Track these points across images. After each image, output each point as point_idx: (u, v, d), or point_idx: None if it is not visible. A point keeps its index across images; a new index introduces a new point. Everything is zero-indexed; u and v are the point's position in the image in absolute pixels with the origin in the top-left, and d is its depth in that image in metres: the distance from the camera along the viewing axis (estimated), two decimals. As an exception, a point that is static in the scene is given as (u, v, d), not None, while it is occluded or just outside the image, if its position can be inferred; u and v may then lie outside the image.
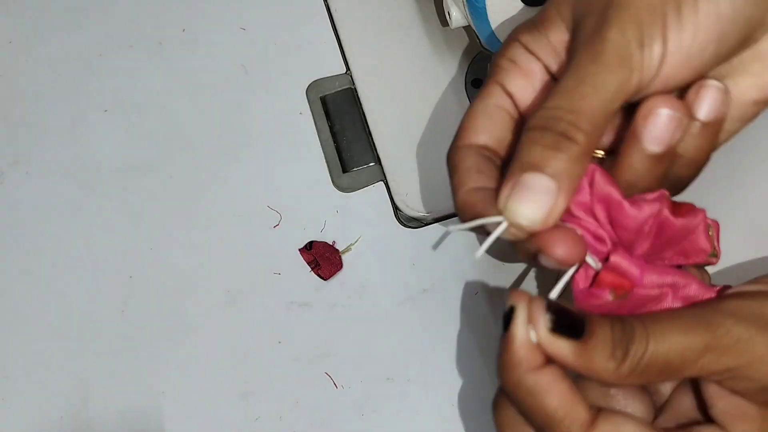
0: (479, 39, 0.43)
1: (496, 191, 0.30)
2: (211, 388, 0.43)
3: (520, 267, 0.46)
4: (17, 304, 0.46)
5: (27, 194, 0.49)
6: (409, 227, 0.47)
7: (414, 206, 0.47)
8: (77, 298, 0.46)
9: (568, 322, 0.28)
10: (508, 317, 0.29)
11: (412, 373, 0.43)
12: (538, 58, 0.33)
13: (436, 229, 0.47)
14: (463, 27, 0.44)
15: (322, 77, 0.52)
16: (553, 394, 0.28)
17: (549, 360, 0.29)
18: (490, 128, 0.33)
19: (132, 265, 0.47)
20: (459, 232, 0.35)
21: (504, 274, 0.45)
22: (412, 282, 0.45)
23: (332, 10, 0.54)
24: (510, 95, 0.33)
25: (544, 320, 0.28)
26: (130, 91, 0.52)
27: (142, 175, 0.49)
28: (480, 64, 0.51)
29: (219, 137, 0.50)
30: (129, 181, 0.49)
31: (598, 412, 0.28)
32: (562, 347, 0.28)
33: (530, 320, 0.28)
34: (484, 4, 0.39)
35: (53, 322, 0.45)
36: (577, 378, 0.30)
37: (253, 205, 0.48)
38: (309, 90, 0.52)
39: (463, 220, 0.32)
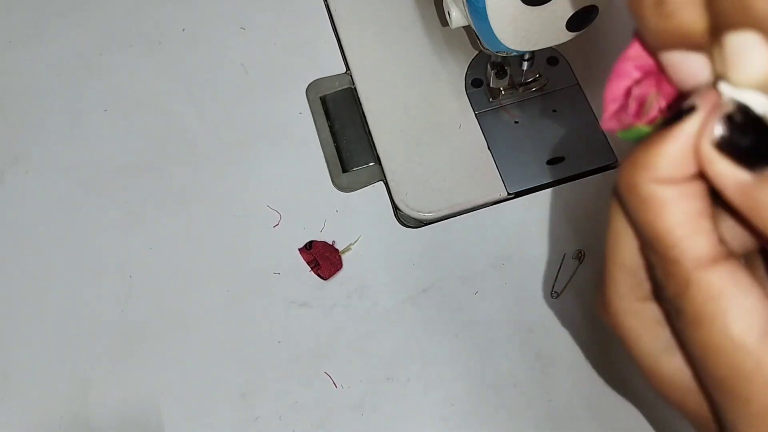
0: (479, 39, 0.43)
1: None
2: (211, 388, 0.43)
3: (521, 267, 0.46)
4: (17, 304, 0.46)
5: (27, 194, 0.49)
6: (409, 227, 0.47)
7: (414, 206, 0.47)
8: (77, 298, 0.46)
9: (750, 143, 0.20)
10: (677, 116, 0.21)
11: (412, 373, 0.43)
12: None
13: (436, 229, 0.47)
14: (463, 27, 0.44)
15: (322, 77, 0.52)
16: (674, 209, 0.21)
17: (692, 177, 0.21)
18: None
19: (132, 264, 0.47)
20: None
21: (504, 274, 0.45)
22: (412, 282, 0.45)
23: (332, 10, 0.54)
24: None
25: (710, 128, 0.20)
26: (130, 90, 0.52)
27: (142, 175, 0.49)
28: (480, 64, 0.51)
29: (219, 137, 0.50)
30: (129, 180, 0.49)
31: (726, 255, 0.21)
32: (726, 173, 0.20)
33: (701, 126, 0.20)
34: (484, 4, 0.39)
35: (53, 322, 0.45)
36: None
37: (253, 205, 0.48)
38: (309, 90, 0.52)
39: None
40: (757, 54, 0.19)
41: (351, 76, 0.52)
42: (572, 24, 0.40)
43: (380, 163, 0.49)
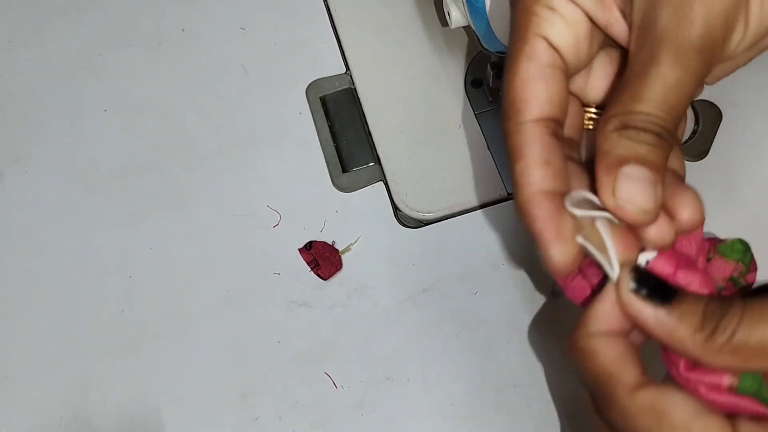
0: (479, 39, 0.43)
1: (561, 196, 0.30)
2: (211, 388, 0.43)
3: (521, 267, 0.46)
4: (17, 304, 0.46)
5: (27, 194, 0.49)
6: (409, 227, 0.47)
7: (414, 206, 0.47)
8: (77, 298, 0.46)
9: (655, 285, 0.28)
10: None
11: (412, 373, 0.43)
12: (577, 4, 0.30)
13: (436, 229, 0.47)
14: (463, 27, 0.44)
15: (322, 77, 0.52)
16: (605, 354, 0.28)
17: (616, 332, 0.29)
18: (549, 95, 0.30)
19: (132, 265, 0.47)
20: None
21: (504, 274, 0.45)
22: (412, 282, 0.45)
23: (332, 10, 0.54)
24: (557, 50, 0.30)
25: (627, 279, 0.28)
26: (129, 91, 0.52)
27: (141, 175, 0.49)
28: (480, 64, 0.51)
29: (219, 137, 0.50)
30: (129, 180, 0.49)
31: (649, 381, 0.28)
32: (645, 311, 0.28)
33: (617, 282, 0.28)
34: (484, 4, 0.39)
35: (53, 322, 0.45)
36: None
37: (252, 205, 0.48)
38: (309, 90, 0.52)
39: (524, 222, 0.30)
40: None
41: (351, 76, 0.52)
42: (572, 24, 0.40)
43: (380, 164, 0.49)
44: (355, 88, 0.51)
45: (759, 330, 0.26)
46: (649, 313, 0.28)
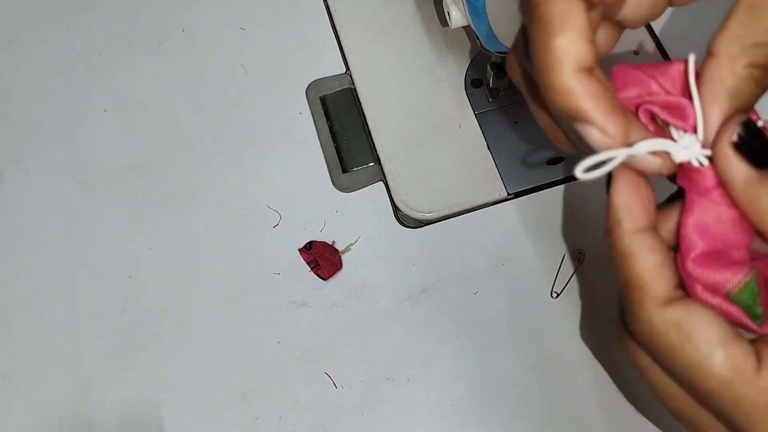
0: (479, 39, 0.43)
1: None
2: (211, 388, 0.43)
3: (521, 267, 0.46)
4: (17, 303, 0.46)
5: (27, 194, 0.49)
6: (409, 227, 0.47)
7: (414, 206, 0.47)
8: (77, 298, 0.46)
9: (759, 146, 0.25)
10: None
11: (412, 373, 0.43)
12: None
13: (436, 229, 0.47)
14: (463, 27, 0.44)
15: (321, 77, 0.52)
16: (640, 260, 0.26)
17: (652, 228, 0.27)
18: None
19: (132, 265, 0.47)
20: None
21: (504, 275, 0.45)
22: (412, 282, 0.45)
23: (332, 10, 0.54)
24: None
25: (731, 131, 0.25)
26: (129, 90, 0.52)
27: (141, 175, 0.49)
28: (480, 64, 0.51)
29: (219, 137, 0.50)
30: (129, 180, 0.49)
31: (680, 296, 0.27)
32: (738, 169, 0.25)
33: (719, 129, 0.26)
34: (484, 4, 0.39)
35: (53, 322, 0.45)
36: None
37: (252, 205, 0.48)
38: (309, 90, 0.52)
39: (560, 107, 0.26)
40: None
41: (351, 76, 0.52)
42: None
43: (380, 164, 0.49)
44: (355, 88, 0.51)
45: None
46: (741, 172, 0.25)
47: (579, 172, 0.26)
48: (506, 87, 0.50)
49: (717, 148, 0.25)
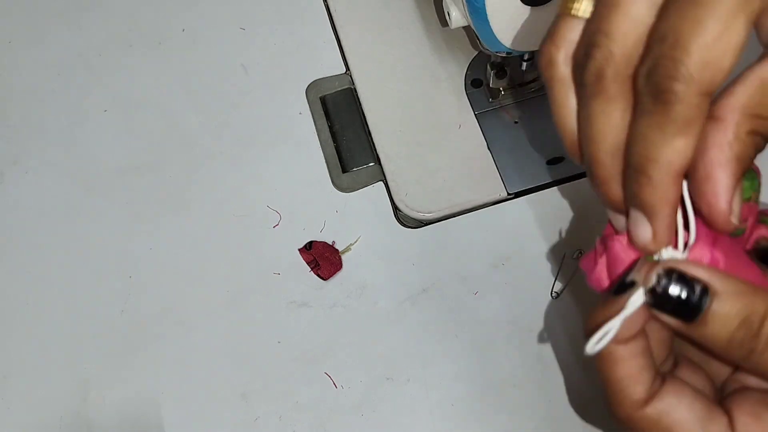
0: (479, 39, 0.43)
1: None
2: (211, 388, 0.43)
3: (521, 267, 0.46)
4: (17, 303, 0.46)
5: (27, 194, 0.49)
6: (409, 227, 0.47)
7: (414, 206, 0.47)
8: (77, 298, 0.46)
9: (672, 307, 0.27)
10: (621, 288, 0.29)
11: (412, 373, 0.43)
12: None
13: (436, 229, 0.47)
14: (463, 27, 0.44)
15: (321, 77, 0.52)
16: (623, 366, 0.29)
17: (640, 333, 0.29)
18: None
19: (132, 265, 0.47)
20: None
21: (504, 275, 0.45)
22: (412, 282, 0.45)
23: (332, 10, 0.54)
24: None
25: (647, 297, 0.28)
26: (129, 90, 0.52)
27: (141, 175, 0.49)
28: (480, 64, 0.51)
29: (219, 137, 0.50)
30: (129, 180, 0.49)
31: (656, 390, 0.29)
32: (670, 321, 0.28)
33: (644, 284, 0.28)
34: (484, 4, 0.39)
35: (53, 322, 0.45)
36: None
37: (253, 205, 0.48)
38: (309, 90, 0.52)
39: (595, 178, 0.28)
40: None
41: (351, 76, 0.52)
42: (572, 24, 0.40)
43: (380, 164, 0.49)
44: (355, 88, 0.51)
45: None
46: (674, 324, 0.28)
47: (590, 349, 0.29)
48: (506, 87, 0.50)
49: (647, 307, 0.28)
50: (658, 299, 0.27)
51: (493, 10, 0.39)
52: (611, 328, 0.28)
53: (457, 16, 0.43)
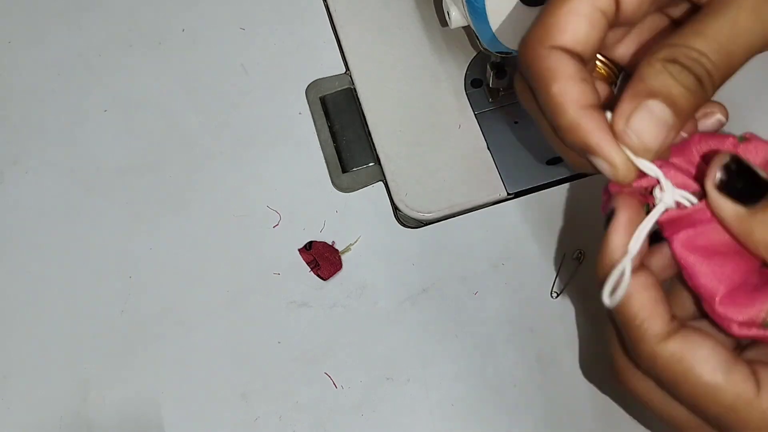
0: (479, 39, 0.43)
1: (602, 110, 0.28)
2: (211, 388, 0.43)
3: (521, 267, 0.46)
4: (17, 303, 0.46)
5: (27, 194, 0.49)
6: (409, 227, 0.47)
7: (413, 206, 0.47)
8: (77, 298, 0.46)
9: (742, 185, 0.27)
10: (610, 216, 0.28)
11: (412, 373, 0.43)
12: None
13: (436, 229, 0.47)
14: (463, 27, 0.44)
15: (321, 77, 0.52)
16: (636, 299, 0.28)
17: (643, 266, 0.28)
18: (587, 37, 0.29)
19: (132, 265, 0.47)
20: None
21: (504, 275, 0.45)
22: (412, 282, 0.45)
23: (332, 10, 0.54)
24: None
25: (714, 176, 0.27)
26: (129, 90, 0.52)
27: (141, 175, 0.49)
28: (480, 64, 0.51)
29: (218, 137, 0.50)
30: (129, 180, 0.49)
31: (677, 328, 0.28)
32: (725, 208, 0.27)
33: (707, 174, 0.28)
34: (484, 4, 0.39)
35: (53, 322, 0.45)
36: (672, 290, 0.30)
37: (252, 205, 0.48)
38: (308, 90, 0.52)
39: (575, 140, 0.28)
40: None
41: (351, 76, 0.52)
42: (572, 24, 0.40)
43: (380, 164, 0.49)
44: (355, 88, 0.51)
45: None
46: (730, 210, 0.27)
47: (605, 298, 0.28)
48: (506, 87, 0.50)
49: (706, 190, 0.28)
50: (731, 177, 0.27)
51: (493, 10, 0.39)
52: (624, 265, 0.27)
53: (457, 16, 0.43)
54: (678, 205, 0.28)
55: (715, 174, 0.27)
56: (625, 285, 0.27)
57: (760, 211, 0.27)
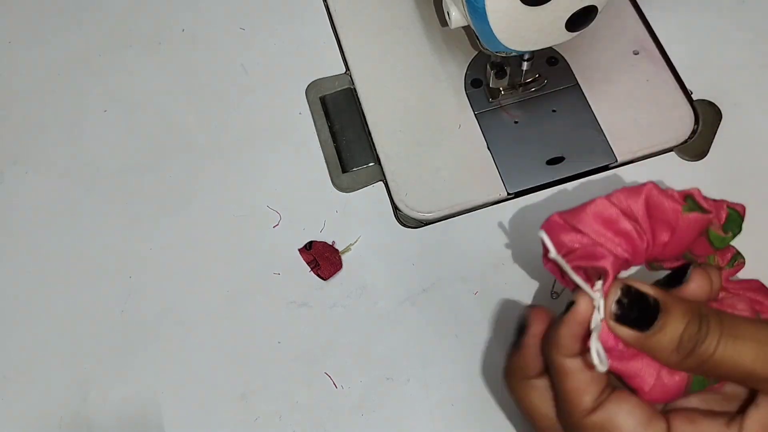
0: (479, 39, 0.43)
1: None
2: (211, 388, 0.43)
3: (521, 267, 0.46)
4: (17, 303, 0.46)
5: (26, 194, 0.49)
6: (409, 227, 0.47)
7: (414, 206, 0.47)
8: (77, 298, 0.46)
9: (637, 314, 0.31)
10: (568, 307, 0.32)
11: (412, 373, 0.43)
12: None
13: (436, 229, 0.47)
14: (463, 27, 0.44)
15: (321, 77, 0.52)
16: (572, 378, 0.32)
17: (584, 350, 0.32)
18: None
19: (132, 265, 0.47)
20: None
21: (504, 275, 0.45)
22: (412, 282, 0.45)
23: (332, 10, 0.54)
24: None
25: (610, 307, 0.31)
26: (130, 90, 0.52)
27: (141, 175, 0.49)
28: (480, 64, 0.51)
29: (218, 137, 0.50)
30: (128, 180, 0.49)
31: (604, 399, 0.32)
32: (625, 334, 0.31)
33: (605, 305, 0.32)
34: (484, 4, 0.39)
35: (53, 322, 0.45)
36: None
37: (252, 205, 0.48)
38: (308, 90, 0.52)
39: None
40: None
41: (351, 76, 0.52)
42: (571, 24, 0.40)
43: (380, 164, 0.49)
44: (355, 88, 0.51)
45: (733, 355, 0.30)
46: (630, 336, 0.31)
47: (599, 365, 0.31)
48: (506, 87, 0.50)
49: (607, 321, 0.31)
50: (624, 310, 0.31)
51: (493, 10, 0.39)
52: (596, 345, 0.31)
53: (457, 16, 0.43)
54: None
55: (610, 309, 0.31)
56: (603, 355, 0.31)
57: (655, 334, 0.31)
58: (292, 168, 0.49)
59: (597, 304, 0.31)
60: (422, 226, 0.47)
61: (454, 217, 0.47)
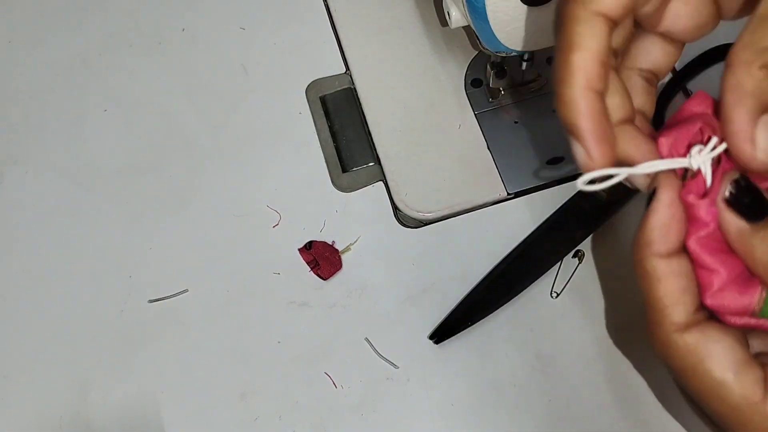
0: (479, 39, 0.43)
1: (604, 101, 0.28)
2: (211, 388, 0.43)
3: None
4: (16, 303, 0.46)
5: (26, 194, 0.49)
6: (409, 227, 0.47)
7: (414, 206, 0.47)
8: (76, 298, 0.46)
9: (749, 202, 0.27)
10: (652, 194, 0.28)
11: (412, 373, 0.43)
12: None
13: (435, 229, 0.47)
14: (463, 27, 0.44)
15: (321, 77, 0.52)
16: (665, 284, 0.28)
17: (683, 251, 0.28)
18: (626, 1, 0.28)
19: (131, 265, 0.47)
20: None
21: (504, 274, 0.45)
22: (412, 282, 0.45)
23: (332, 10, 0.54)
24: None
25: (724, 188, 0.28)
26: (130, 90, 0.52)
27: (141, 175, 0.49)
28: (480, 64, 0.51)
29: (218, 137, 0.50)
30: (128, 180, 0.49)
31: (698, 321, 0.28)
32: (730, 221, 0.27)
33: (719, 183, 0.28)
34: (484, 4, 0.39)
35: (53, 322, 0.45)
36: None
37: (252, 205, 0.48)
38: (309, 90, 0.52)
39: (566, 115, 0.28)
40: None
41: (351, 76, 0.52)
42: (572, 24, 0.40)
43: (380, 163, 0.49)
44: (355, 88, 0.51)
45: None
46: (734, 225, 0.27)
47: (580, 183, 0.27)
48: (506, 87, 0.50)
49: (718, 203, 0.28)
50: (739, 193, 0.27)
51: (493, 10, 0.39)
52: (620, 172, 0.27)
53: (457, 16, 0.43)
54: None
55: (725, 188, 0.27)
56: (606, 185, 0.27)
57: (762, 228, 0.27)
58: (292, 168, 0.49)
59: (704, 168, 0.28)
60: (422, 226, 0.47)
61: (454, 217, 0.47)
